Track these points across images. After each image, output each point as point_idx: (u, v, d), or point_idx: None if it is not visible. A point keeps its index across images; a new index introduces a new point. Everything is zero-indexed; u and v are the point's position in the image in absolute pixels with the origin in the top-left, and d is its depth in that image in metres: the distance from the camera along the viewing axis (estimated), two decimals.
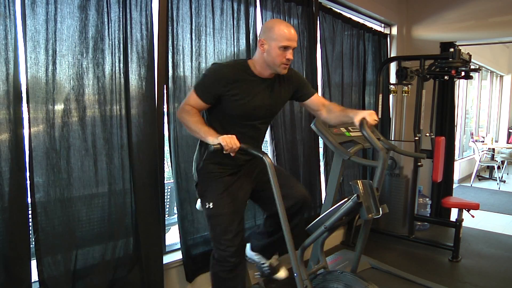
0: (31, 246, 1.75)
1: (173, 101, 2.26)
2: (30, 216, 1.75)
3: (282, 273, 2.31)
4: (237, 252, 1.91)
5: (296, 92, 2.08)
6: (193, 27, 2.31)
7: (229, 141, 1.68)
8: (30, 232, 1.76)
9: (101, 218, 1.99)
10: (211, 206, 1.92)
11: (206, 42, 2.39)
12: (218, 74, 1.86)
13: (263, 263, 2.29)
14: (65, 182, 1.83)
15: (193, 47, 2.33)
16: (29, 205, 1.72)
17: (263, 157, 1.75)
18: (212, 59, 2.43)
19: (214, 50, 2.45)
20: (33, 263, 1.75)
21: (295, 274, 1.72)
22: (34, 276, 1.77)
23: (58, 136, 1.80)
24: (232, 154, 1.71)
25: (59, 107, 1.79)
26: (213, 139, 1.70)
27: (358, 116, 1.83)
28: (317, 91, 3.18)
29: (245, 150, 1.75)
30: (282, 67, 1.87)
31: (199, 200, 2.04)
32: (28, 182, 1.70)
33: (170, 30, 2.21)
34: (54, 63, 1.75)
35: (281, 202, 1.71)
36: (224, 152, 1.69)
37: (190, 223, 2.39)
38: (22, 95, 1.66)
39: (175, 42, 2.24)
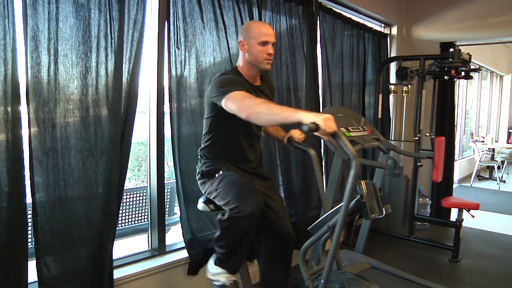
0: (28, 246, 1.73)
1: (176, 100, 2.26)
2: (30, 216, 1.74)
3: None
4: (259, 205, 1.77)
5: None
6: (199, 24, 2.31)
7: (329, 123, 1.47)
8: (29, 232, 1.75)
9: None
10: (220, 173, 1.90)
11: (214, 40, 2.40)
12: (234, 77, 1.86)
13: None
14: (64, 182, 1.82)
15: (200, 44, 2.33)
16: (27, 205, 1.70)
17: (354, 161, 1.45)
18: (219, 56, 2.44)
19: (228, 47, 2.47)
20: (30, 264, 1.73)
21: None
22: (31, 277, 1.76)
23: (59, 136, 1.79)
24: (325, 138, 1.55)
25: (58, 107, 1.78)
26: (308, 116, 1.48)
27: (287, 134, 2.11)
28: (317, 91, 3.21)
29: (338, 137, 1.50)
30: (266, 63, 1.92)
31: (200, 200, 2.02)
32: (28, 182, 1.69)
33: (173, 28, 2.21)
34: (56, 63, 1.75)
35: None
36: (315, 134, 1.48)
37: (195, 221, 2.40)
38: (20, 95, 1.64)
39: (181, 40, 2.24)
